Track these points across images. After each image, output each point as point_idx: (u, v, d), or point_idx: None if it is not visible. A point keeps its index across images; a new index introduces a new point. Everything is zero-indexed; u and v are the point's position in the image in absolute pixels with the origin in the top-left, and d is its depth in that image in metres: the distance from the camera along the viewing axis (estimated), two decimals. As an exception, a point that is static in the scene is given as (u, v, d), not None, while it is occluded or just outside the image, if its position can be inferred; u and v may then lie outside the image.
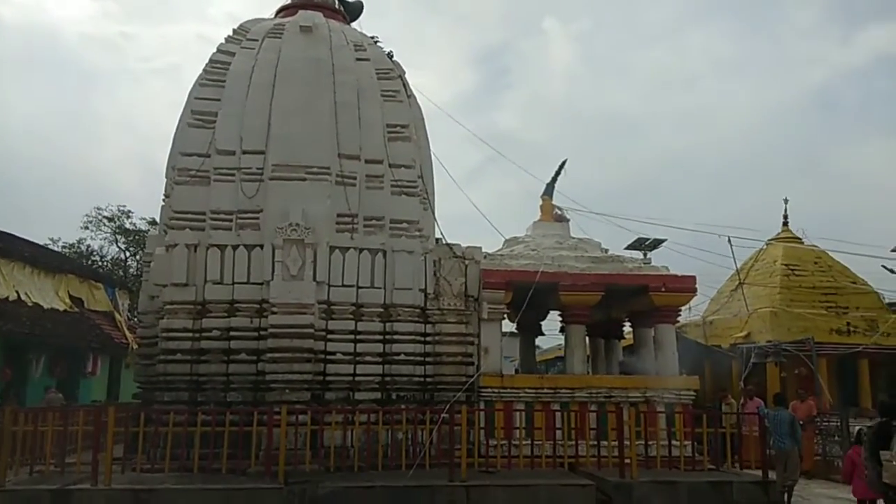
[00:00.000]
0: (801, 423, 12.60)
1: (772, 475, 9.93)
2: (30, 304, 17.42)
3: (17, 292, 17.11)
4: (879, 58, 62.88)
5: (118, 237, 35.50)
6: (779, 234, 20.53)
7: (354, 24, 14.13)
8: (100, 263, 34.07)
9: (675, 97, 68.05)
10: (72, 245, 34.41)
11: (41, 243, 24.46)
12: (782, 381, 16.28)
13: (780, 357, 16.12)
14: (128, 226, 35.09)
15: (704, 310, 20.57)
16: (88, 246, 34.98)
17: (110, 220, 35.24)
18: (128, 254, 35.53)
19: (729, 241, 17.89)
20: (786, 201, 20.94)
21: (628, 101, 70.88)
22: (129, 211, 35.01)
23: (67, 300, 19.59)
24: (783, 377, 16.40)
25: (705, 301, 20.48)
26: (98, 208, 34.76)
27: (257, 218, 11.06)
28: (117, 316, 22.22)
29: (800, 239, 20.31)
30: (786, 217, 20.77)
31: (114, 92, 66.65)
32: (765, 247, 20.10)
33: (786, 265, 19.07)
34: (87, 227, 34.75)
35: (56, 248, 31.13)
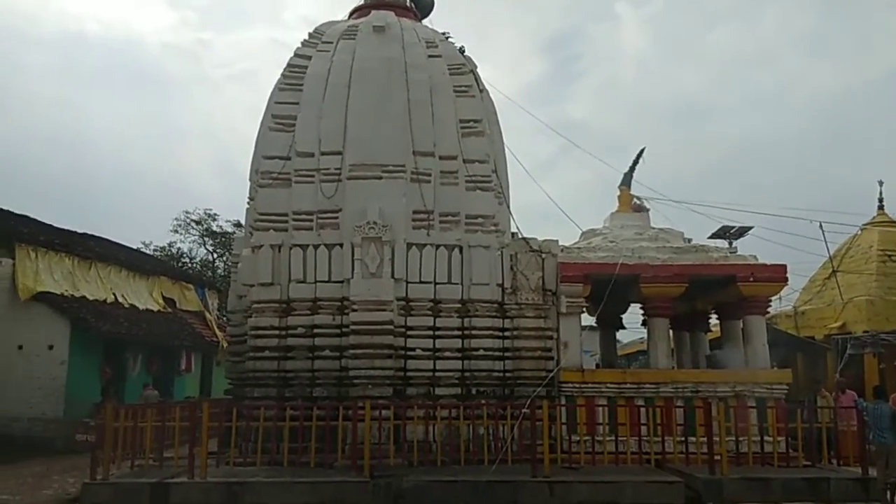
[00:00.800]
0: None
1: (872, 472, 9.42)
2: (126, 305, 18.40)
3: (114, 294, 18.10)
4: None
5: (206, 239, 37.01)
6: (874, 218, 19.49)
7: (426, 21, 14.22)
8: (189, 265, 35.61)
9: (751, 77, 65.52)
10: (163, 248, 36.10)
11: (134, 247, 25.78)
12: (881, 374, 15.43)
13: (878, 348, 15.29)
14: (214, 228, 36.52)
15: (796, 299, 19.76)
16: (178, 248, 36.67)
17: (198, 223, 36.80)
18: (215, 255, 37.01)
19: (821, 226, 17.14)
20: (881, 183, 19.88)
21: (703, 84, 68.77)
22: (215, 214, 36.46)
23: (161, 301, 20.58)
24: (882, 369, 15.54)
25: (796, 291, 19.70)
26: (186, 212, 36.37)
27: (336, 217, 11.29)
28: (207, 315, 23.17)
29: (897, 223, 19.22)
30: (881, 200, 19.72)
31: (194, 99, 69.62)
32: (859, 232, 19.12)
33: (882, 251, 18.08)
34: (176, 231, 36.42)
35: (148, 252, 32.69)
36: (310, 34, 12.83)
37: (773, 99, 63.44)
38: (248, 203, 12.46)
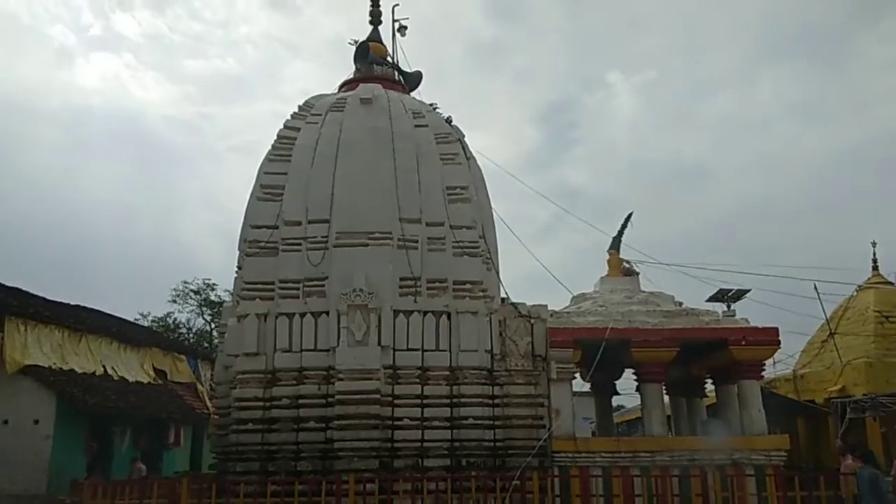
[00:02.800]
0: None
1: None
2: (115, 377, 18.11)
3: (103, 367, 17.84)
4: (964, 90, 59.80)
5: (203, 309, 36.87)
6: (869, 279, 19.37)
7: (414, 94, 14.53)
8: (186, 336, 35.36)
9: (745, 143, 66.46)
10: (160, 319, 35.93)
11: (130, 318, 25.63)
12: (883, 437, 15.06)
13: (878, 411, 14.94)
14: (213, 298, 36.40)
15: (795, 363, 19.48)
16: (175, 319, 36.48)
17: (196, 293, 36.74)
18: (212, 325, 36.80)
19: (815, 287, 17.04)
20: (874, 244, 19.81)
21: (698, 150, 69.79)
22: (214, 284, 36.41)
23: (152, 372, 20.27)
24: (884, 433, 15.17)
25: (793, 355, 19.44)
26: (185, 282, 36.34)
27: (323, 285, 11.25)
28: (199, 387, 22.79)
29: (892, 283, 19.12)
30: (875, 261, 19.62)
31: (195, 170, 70.64)
32: (855, 293, 18.99)
33: (878, 312, 17.89)
34: (174, 301, 36.31)
35: (145, 323, 32.50)
36: (299, 107, 13.08)
37: (769, 163, 64.29)
38: (237, 272, 12.44)
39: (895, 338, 17.13)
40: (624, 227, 13.65)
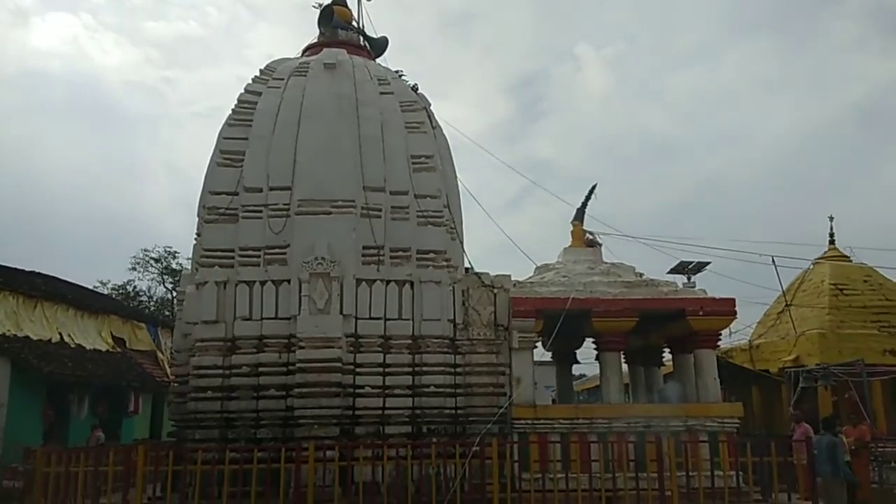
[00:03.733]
0: (852, 448, 12.01)
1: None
2: (73, 345, 17.80)
3: (59, 334, 17.52)
4: (924, 69, 61.05)
5: (165, 277, 36.31)
6: (825, 253, 19.85)
7: (380, 60, 14.29)
8: (147, 304, 34.83)
9: (711, 118, 67.30)
10: (120, 287, 35.30)
11: (90, 286, 25.12)
12: (834, 406, 15.57)
13: (829, 381, 15.43)
14: (174, 266, 35.83)
15: (751, 333, 19.94)
16: (135, 287, 35.88)
17: (157, 261, 36.14)
18: (173, 294, 36.26)
19: (773, 261, 17.39)
20: (831, 219, 20.29)
21: (665, 124, 70.36)
22: (176, 252, 35.80)
23: (110, 340, 19.98)
24: (835, 401, 15.68)
25: (750, 326, 19.90)
26: (145, 250, 35.72)
27: (284, 253, 11.11)
28: (160, 355, 22.54)
29: (848, 257, 19.61)
30: (832, 235, 20.11)
31: (157, 136, 69.00)
32: (811, 267, 19.45)
33: (834, 285, 18.39)
34: (134, 269, 35.69)
35: (105, 291, 31.90)
36: (261, 70, 12.77)
37: (736, 138, 65.17)
38: (196, 239, 12.21)
39: (849, 310, 17.66)
40: (588, 198, 13.71)
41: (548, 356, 14.93)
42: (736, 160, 63.55)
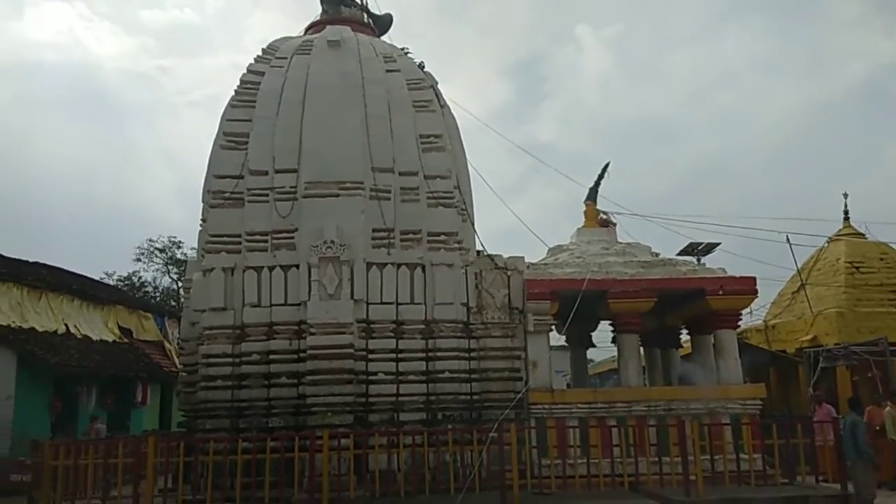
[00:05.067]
0: (877, 428, 11.74)
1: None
2: (79, 336, 17.62)
3: (65, 325, 17.34)
4: (928, 46, 60.20)
5: (170, 268, 36.14)
6: (840, 230, 19.46)
7: (384, 38, 13.92)
8: (153, 294, 34.68)
9: (714, 97, 66.59)
10: (126, 277, 35.14)
11: (95, 277, 24.92)
12: (854, 386, 15.26)
13: (850, 360, 15.12)
14: (179, 256, 35.64)
15: (766, 314, 19.63)
16: (140, 277, 35.71)
17: (161, 251, 35.99)
18: (179, 284, 36.07)
19: (787, 239, 17.06)
20: (845, 196, 19.88)
21: (666, 104, 69.68)
22: (180, 241, 35.64)
23: (116, 331, 19.80)
24: (855, 381, 15.37)
25: (765, 305, 19.57)
26: (150, 240, 35.52)
27: (292, 237, 10.81)
28: (167, 345, 22.36)
29: (863, 235, 19.24)
30: (846, 212, 19.70)
31: (155, 125, 68.52)
32: (826, 245, 19.09)
33: (850, 263, 18.02)
34: (139, 259, 35.53)
35: (110, 282, 31.72)
36: (263, 50, 12.41)
37: (738, 118, 64.49)
38: (201, 225, 11.91)
39: (865, 288, 17.31)
40: (601, 177, 13.40)
41: (560, 341, 14.67)
42: (739, 140, 62.95)
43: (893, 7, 63.14)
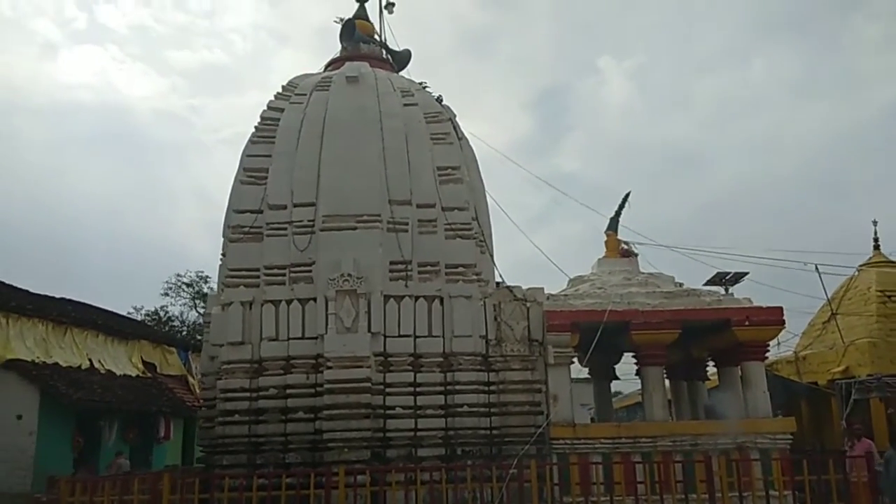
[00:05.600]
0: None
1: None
2: (102, 371, 17.68)
3: (89, 360, 17.42)
4: (958, 67, 59.28)
5: (196, 302, 36.41)
6: (870, 258, 19.00)
7: (403, 73, 14.05)
8: (179, 329, 34.93)
9: (740, 124, 65.95)
10: (154, 312, 35.47)
11: (124, 313, 25.19)
12: (888, 419, 14.74)
13: (884, 392, 14.62)
14: (206, 290, 35.87)
15: (796, 344, 19.14)
16: (167, 312, 36.03)
17: (189, 285, 36.30)
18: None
19: (817, 269, 16.66)
20: (875, 223, 19.43)
21: (691, 133, 69.28)
22: (207, 276, 35.84)
23: (140, 366, 19.85)
24: (890, 414, 14.85)
25: (796, 336, 19.09)
26: (178, 275, 35.89)
27: (310, 271, 10.81)
28: (191, 379, 22.36)
29: (894, 263, 18.77)
30: (876, 240, 19.24)
31: (186, 163, 69.77)
32: (856, 273, 18.64)
33: (881, 291, 17.52)
34: (167, 294, 35.87)
35: (138, 317, 32.03)
36: (283, 87, 12.58)
37: (765, 144, 63.75)
38: (221, 259, 11.99)
39: (898, 317, 16.79)
40: (622, 207, 13.24)
41: (584, 373, 14.41)
42: (767, 166, 62.13)
43: (920, 31, 62.51)
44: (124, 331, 20.34)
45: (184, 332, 34.26)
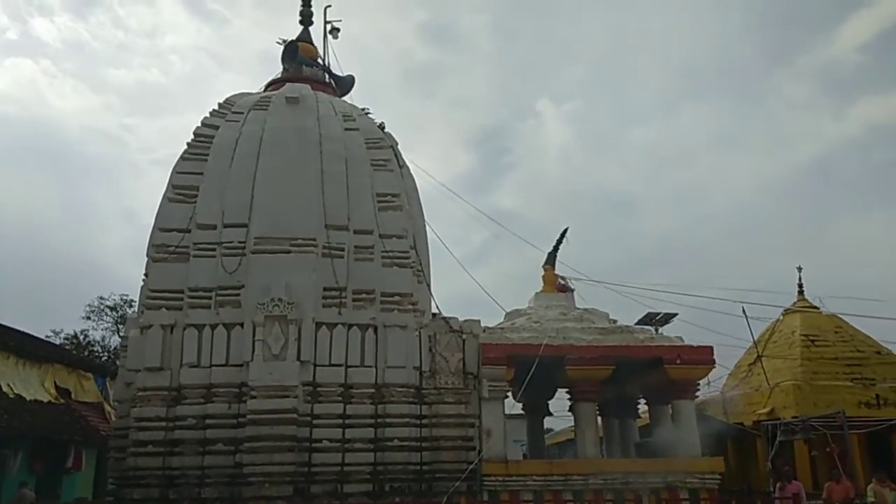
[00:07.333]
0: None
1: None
2: (11, 395, 16.53)
3: (-3, 383, 16.29)
4: (874, 129, 62.91)
5: (120, 327, 34.83)
6: (795, 303, 19.60)
7: (346, 98, 13.86)
8: (100, 354, 33.30)
9: (671, 173, 68.18)
10: (73, 336, 33.75)
11: (42, 335, 23.77)
12: (812, 461, 15.03)
13: (808, 434, 14.91)
14: (130, 315, 34.43)
15: (723, 385, 19.47)
16: (87, 336, 34.35)
17: (112, 308, 34.73)
18: (125, 342, 34.71)
19: (743, 311, 16.99)
20: (799, 269, 20.11)
21: (625, 178, 71.02)
22: (132, 300, 34.37)
23: (53, 391, 18.65)
24: (813, 456, 15.15)
25: (723, 377, 19.43)
26: (101, 298, 34.32)
27: (238, 294, 10.37)
28: (107, 407, 21.17)
29: (817, 308, 19.39)
30: (801, 286, 19.89)
31: (116, 183, 67.40)
32: (781, 317, 19.17)
33: (805, 335, 18.06)
34: (89, 318, 34.22)
35: (57, 340, 30.39)
36: (219, 104, 12.22)
37: (694, 193, 66.03)
38: (143, 280, 11.39)
39: (821, 361, 17.27)
40: (560, 241, 13.29)
41: (517, 409, 14.24)
42: (696, 215, 64.32)
43: (839, 92, 66.16)
44: (37, 353, 19.11)
45: (104, 358, 32.67)
